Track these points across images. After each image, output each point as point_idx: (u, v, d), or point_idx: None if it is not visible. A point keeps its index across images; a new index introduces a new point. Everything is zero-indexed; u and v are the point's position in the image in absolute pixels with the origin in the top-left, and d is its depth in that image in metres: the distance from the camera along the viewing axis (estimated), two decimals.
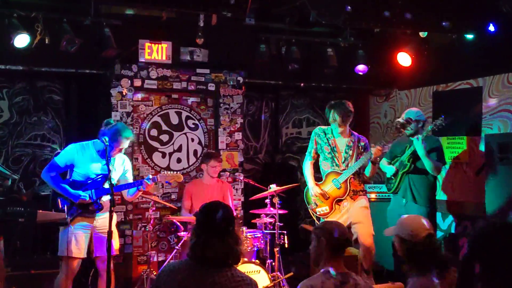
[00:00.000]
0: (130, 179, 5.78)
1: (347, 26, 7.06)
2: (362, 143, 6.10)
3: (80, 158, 5.43)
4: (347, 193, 5.93)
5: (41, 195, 5.60)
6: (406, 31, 6.92)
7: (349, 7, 5.54)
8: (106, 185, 5.47)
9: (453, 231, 7.43)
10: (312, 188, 6.10)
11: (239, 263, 5.79)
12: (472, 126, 7.24)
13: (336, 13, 5.76)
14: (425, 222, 3.55)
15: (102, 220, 5.49)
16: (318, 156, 6.19)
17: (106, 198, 5.50)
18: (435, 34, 7.07)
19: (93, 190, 5.41)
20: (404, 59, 7.53)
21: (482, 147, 6.86)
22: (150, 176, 5.61)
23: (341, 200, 5.96)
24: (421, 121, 6.39)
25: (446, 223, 7.56)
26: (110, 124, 5.47)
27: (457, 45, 6.87)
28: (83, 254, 5.41)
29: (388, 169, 6.52)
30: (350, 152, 5.97)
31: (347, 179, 5.89)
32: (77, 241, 5.35)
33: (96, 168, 5.47)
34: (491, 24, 6.25)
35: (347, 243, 3.70)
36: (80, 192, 5.35)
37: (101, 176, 5.46)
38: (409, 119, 6.30)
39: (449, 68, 7.60)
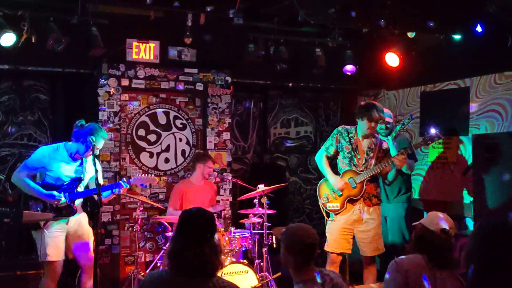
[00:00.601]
0: (101, 180, 5.71)
1: (335, 26, 7.05)
2: (385, 147, 5.90)
3: (52, 160, 5.33)
4: (361, 194, 5.75)
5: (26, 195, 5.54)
6: (394, 32, 6.92)
7: (332, 9, 5.50)
8: (79, 188, 5.44)
9: None
10: (335, 181, 5.81)
11: (222, 269, 5.82)
12: (459, 126, 7.28)
13: (324, 13, 5.74)
14: (449, 220, 3.63)
15: (76, 221, 5.47)
16: (336, 154, 6.05)
17: (78, 200, 5.47)
18: (423, 35, 7.09)
19: (66, 194, 5.33)
20: (392, 59, 7.56)
21: (469, 148, 6.90)
22: (125, 179, 5.57)
23: (354, 200, 5.77)
24: (391, 122, 6.56)
25: None
26: (83, 125, 5.40)
27: (445, 45, 6.89)
28: (61, 256, 5.35)
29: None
30: (372, 154, 5.79)
31: (363, 180, 5.72)
32: (54, 244, 5.29)
33: (68, 170, 5.40)
34: (478, 25, 6.27)
35: (312, 249, 3.47)
36: (54, 192, 5.27)
37: (74, 179, 5.41)
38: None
39: (436, 68, 7.63)
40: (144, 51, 7.13)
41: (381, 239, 5.83)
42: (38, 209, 5.30)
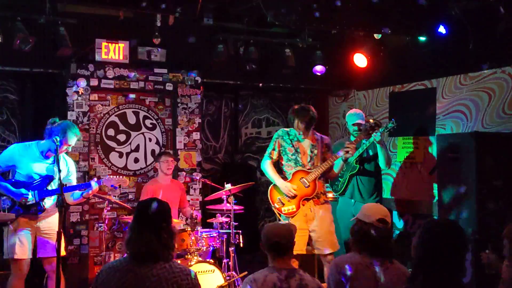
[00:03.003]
0: (74, 182, 5.71)
1: (298, 28, 7.12)
2: (326, 142, 6.09)
3: (22, 158, 5.34)
4: (315, 192, 5.87)
5: None
6: (359, 33, 7.01)
7: (293, 16, 5.55)
8: (50, 187, 5.42)
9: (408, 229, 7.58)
10: (286, 186, 5.88)
11: (191, 261, 5.85)
12: (427, 126, 7.38)
13: (287, 15, 5.79)
14: (383, 209, 3.75)
15: (45, 221, 5.44)
16: (279, 158, 6.13)
17: (49, 201, 5.44)
18: (389, 36, 7.17)
19: (36, 191, 5.32)
20: (360, 60, 7.63)
21: (435, 147, 7.00)
22: (95, 179, 5.58)
23: (308, 199, 5.89)
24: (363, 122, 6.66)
25: (402, 222, 7.68)
26: (56, 123, 5.41)
27: (411, 47, 6.99)
28: (27, 255, 5.33)
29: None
30: (316, 152, 5.94)
31: (315, 179, 5.85)
32: (21, 243, 5.28)
33: (39, 168, 5.40)
34: (441, 26, 6.37)
35: (285, 246, 3.73)
36: (23, 190, 5.26)
37: (44, 177, 5.40)
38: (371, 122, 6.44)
39: (404, 69, 7.73)
40: (113, 51, 7.12)
41: (333, 235, 5.91)
42: (7, 205, 5.29)
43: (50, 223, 5.44)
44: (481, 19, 6.31)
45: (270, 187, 6.10)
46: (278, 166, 6.28)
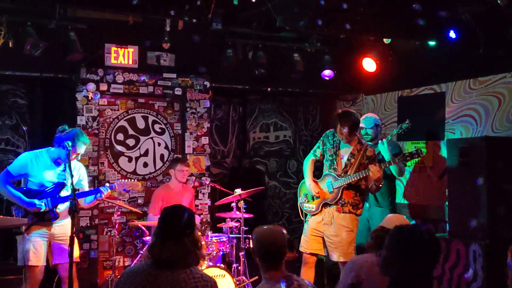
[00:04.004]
0: (86, 187, 5.73)
1: (308, 33, 7.12)
2: (369, 154, 5.82)
3: (34, 167, 5.34)
4: (336, 200, 5.75)
5: (1, 200, 5.53)
6: (370, 38, 7.00)
7: (303, 22, 5.56)
8: (63, 193, 5.42)
9: None
10: (310, 185, 5.91)
11: (201, 266, 5.85)
12: (436, 130, 7.37)
13: (298, 20, 5.79)
14: (405, 220, 3.96)
15: (60, 227, 5.45)
16: (323, 156, 6.05)
17: (62, 207, 5.45)
18: (399, 40, 7.17)
19: (48, 199, 5.32)
20: (369, 64, 7.62)
21: (445, 152, 6.98)
22: (108, 184, 5.59)
23: (328, 205, 5.82)
24: (380, 125, 6.64)
25: None
26: (65, 130, 5.41)
27: (420, 51, 6.97)
28: (42, 262, 5.33)
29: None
30: (352, 160, 5.76)
31: (341, 186, 5.72)
32: (36, 249, 5.28)
33: (51, 176, 5.40)
34: (451, 31, 6.36)
35: (277, 255, 3.58)
36: (36, 201, 5.26)
37: (57, 184, 5.40)
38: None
39: (413, 73, 7.72)
40: (122, 56, 7.14)
41: (349, 247, 5.75)
42: (20, 215, 5.30)
43: (64, 229, 5.41)
44: (491, 23, 6.30)
45: (302, 182, 6.16)
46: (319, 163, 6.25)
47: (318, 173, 6.19)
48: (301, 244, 5.97)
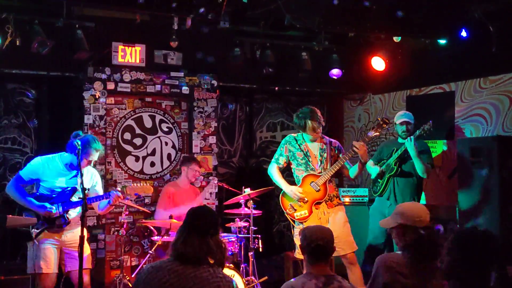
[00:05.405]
0: (101, 192, 5.66)
1: (321, 30, 7.06)
2: (335, 145, 6.03)
3: (46, 172, 5.27)
4: (326, 195, 5.82)
5: (11, 200, 5.46)
6: (380, 36, 6.95)
7: (317, 18, 5.52)
8: (74, 199, 5.35)
9: None
10: (292, 190, 5.87)
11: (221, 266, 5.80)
12: (445, 130, 7.32)
13: (310, 17, 5.75)
14: (422, 206, 3.74)
15: (71, 234, 5.38)
16: (288, 164, 6.09)
17: (73, 213, 5.39)
18: (408, 39, 7.12)
19: (60, 204, 5.26)
20: (378, 63, 7.59)
21: (454, 152, 6.93)
22: (119, 189, 5.52)
23: (320, 203, 5.84)
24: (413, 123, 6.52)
25: None
26: (79, 136, 5.34)
27: (430, 50, 6.93)
28: (53, 269, 5.24)
29: (373, 170, 6.58)
30: (325, 155, 5.89)
31: (325, 182, 5.80)
32: (46, 256, 5.21)
33: (63, 181, 5.33)
34: (463, 30, 6.32)
35: (326, 249, 3.67)
36: (47, 204, 5.19)
37: (68, 188, 5.34)
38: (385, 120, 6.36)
39: (422, 72, 7.67)
40: (130, 54, 7.09)
41: (350, 236, 5.86)
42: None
43: (75, 236, 5.30)
44: (503, 21, 6.25)
45: (280, 195, 6.08)
46: (289, 171, 6.24)
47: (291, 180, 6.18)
48: (298, 251, 5.84)
